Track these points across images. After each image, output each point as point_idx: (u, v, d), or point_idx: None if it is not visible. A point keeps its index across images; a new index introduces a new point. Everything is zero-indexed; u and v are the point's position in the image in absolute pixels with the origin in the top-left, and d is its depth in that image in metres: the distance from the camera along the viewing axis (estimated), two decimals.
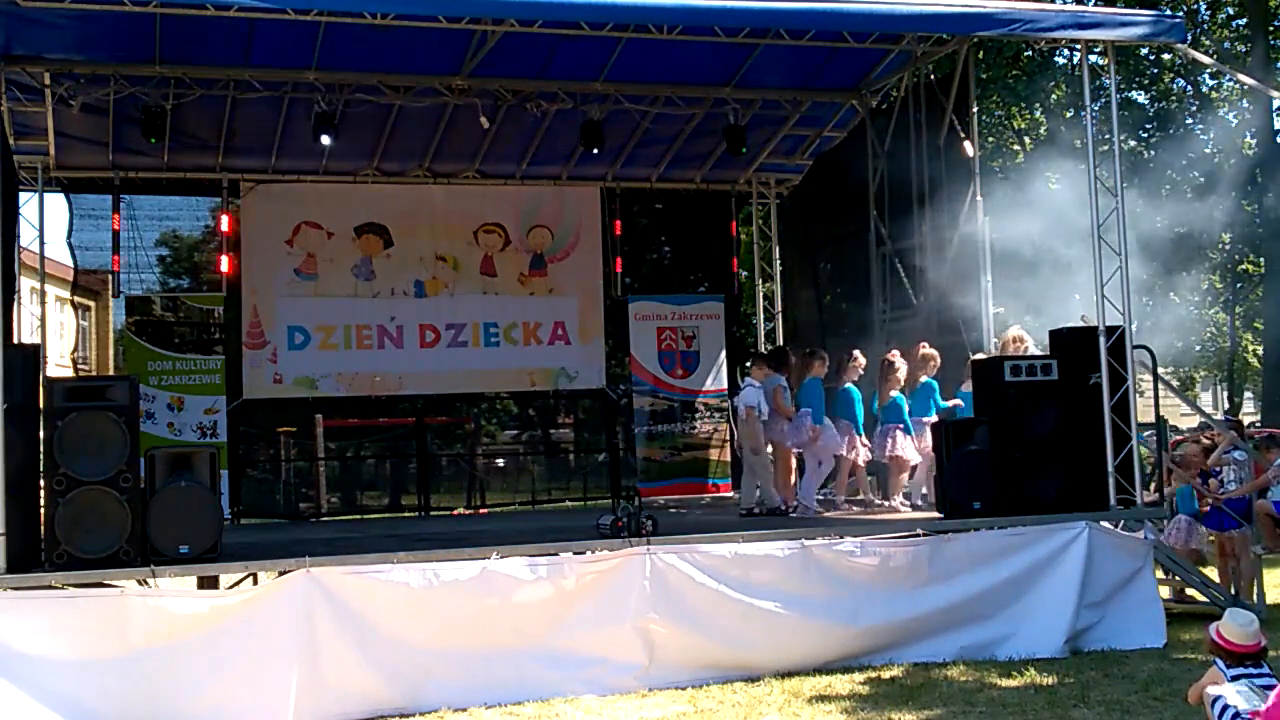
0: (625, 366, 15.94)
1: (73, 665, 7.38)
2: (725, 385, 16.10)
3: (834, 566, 8.75)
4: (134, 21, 10.47)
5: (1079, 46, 10.73)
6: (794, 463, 11.79)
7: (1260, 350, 31.04)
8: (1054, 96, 26.57)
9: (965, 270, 12.24)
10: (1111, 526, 9.69)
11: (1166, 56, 24.75)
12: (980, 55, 21.45)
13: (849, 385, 11.65)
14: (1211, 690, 5.50)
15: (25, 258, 12.18)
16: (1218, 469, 11.50)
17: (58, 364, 23.00)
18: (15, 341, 9.98)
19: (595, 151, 13.55)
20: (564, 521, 11.50)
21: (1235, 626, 5.66)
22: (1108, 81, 10.80)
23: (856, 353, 11.79)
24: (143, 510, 8.00)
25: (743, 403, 11.40)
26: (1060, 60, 26.07)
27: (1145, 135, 26.52)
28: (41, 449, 8.14)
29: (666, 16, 10.19)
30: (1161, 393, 11.39)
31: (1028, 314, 16.02)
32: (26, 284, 12.97)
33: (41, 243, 13.65)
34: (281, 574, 7.93)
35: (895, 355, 11.53)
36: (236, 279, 14.45)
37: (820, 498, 11.60)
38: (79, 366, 20.65)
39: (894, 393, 11.39)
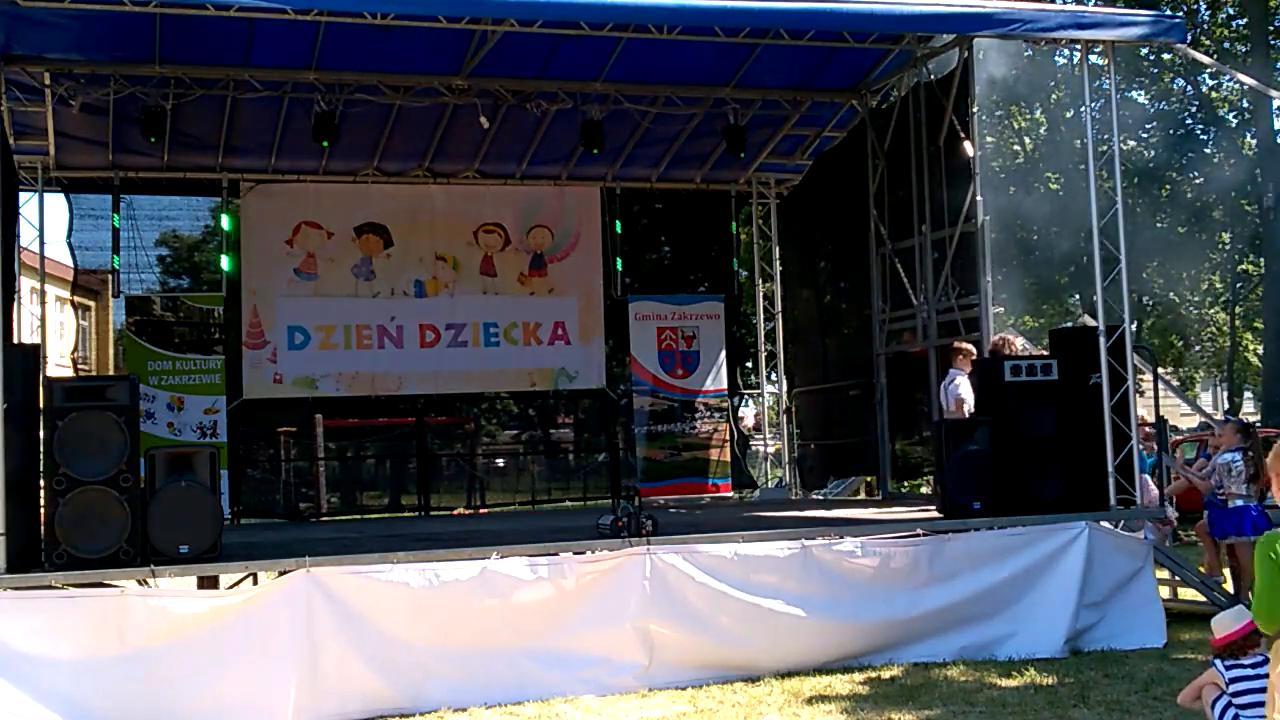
0: (625, 366, 15.93)
1: (73, 665, 7.38)
2: (725, 385, 16.11)
3: (834, 566, 8.74)
4: (134, 21, 10.47)
5: (1079, 46, 10.72)
6: None
7: (1260, 350, 31.00)
8: (1054, 97, 26.54)
9: (965, 271, 12.24)
10: (1111, 526, 9.69)
11: (1166, 57, 24.73)
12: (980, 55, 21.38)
13: None
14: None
15: (25, 258, 12.20)
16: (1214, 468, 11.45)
17: (58, 364, 22.99)
18: (15, 341, 9.98)
19: (595, 151, 13.55)
20: (564, 521, 11.49)
21: (1219, 621, 5.76)
22: (1107, 83, 10.78)
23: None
24: (143, 510, 7.99)
25: (952, 396, 10.88)
26: (1060, 60, 26.06)
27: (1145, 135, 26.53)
28: (41, 449, 8.13)
29: (666, 16, 10.19)
30: (1161, 392, 11.36)
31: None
32: (26, 284, 12.98)
33: (41, 243, 13.67)
34: (281, 574, 7.93)
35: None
36: (236, 278, 14.47)
37: None
38: (79, 366, 20.63)
39: None
